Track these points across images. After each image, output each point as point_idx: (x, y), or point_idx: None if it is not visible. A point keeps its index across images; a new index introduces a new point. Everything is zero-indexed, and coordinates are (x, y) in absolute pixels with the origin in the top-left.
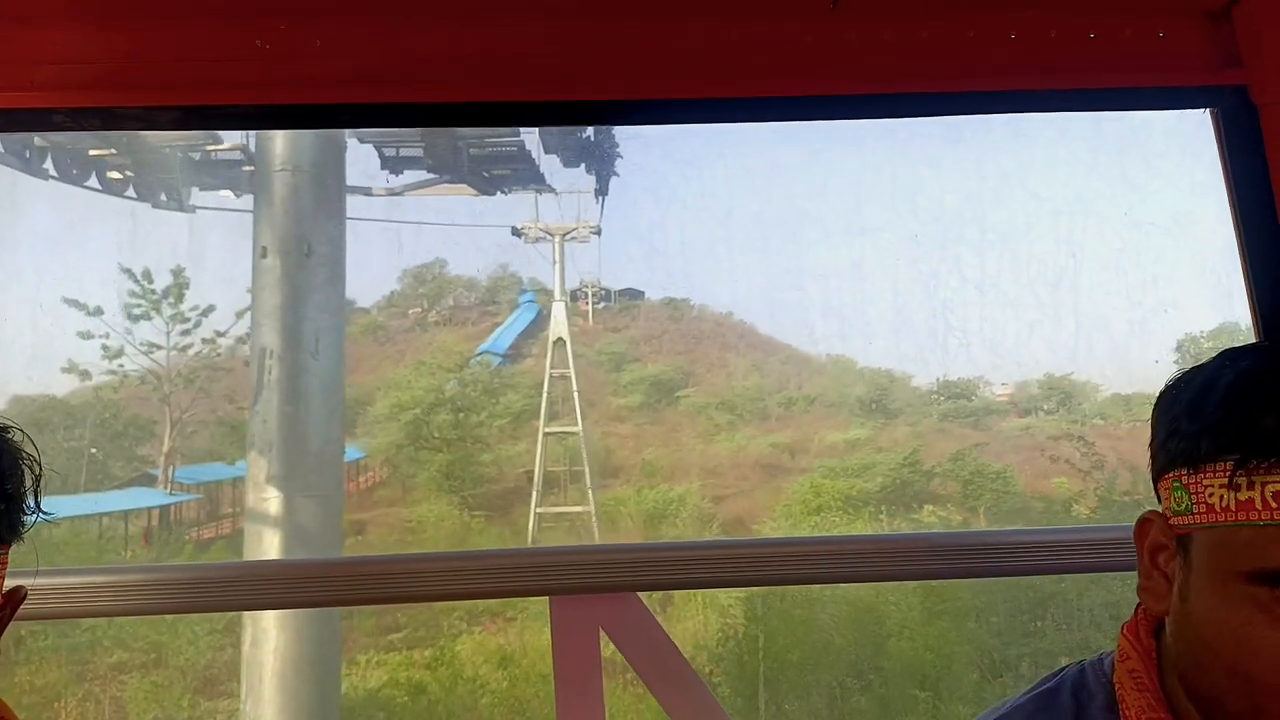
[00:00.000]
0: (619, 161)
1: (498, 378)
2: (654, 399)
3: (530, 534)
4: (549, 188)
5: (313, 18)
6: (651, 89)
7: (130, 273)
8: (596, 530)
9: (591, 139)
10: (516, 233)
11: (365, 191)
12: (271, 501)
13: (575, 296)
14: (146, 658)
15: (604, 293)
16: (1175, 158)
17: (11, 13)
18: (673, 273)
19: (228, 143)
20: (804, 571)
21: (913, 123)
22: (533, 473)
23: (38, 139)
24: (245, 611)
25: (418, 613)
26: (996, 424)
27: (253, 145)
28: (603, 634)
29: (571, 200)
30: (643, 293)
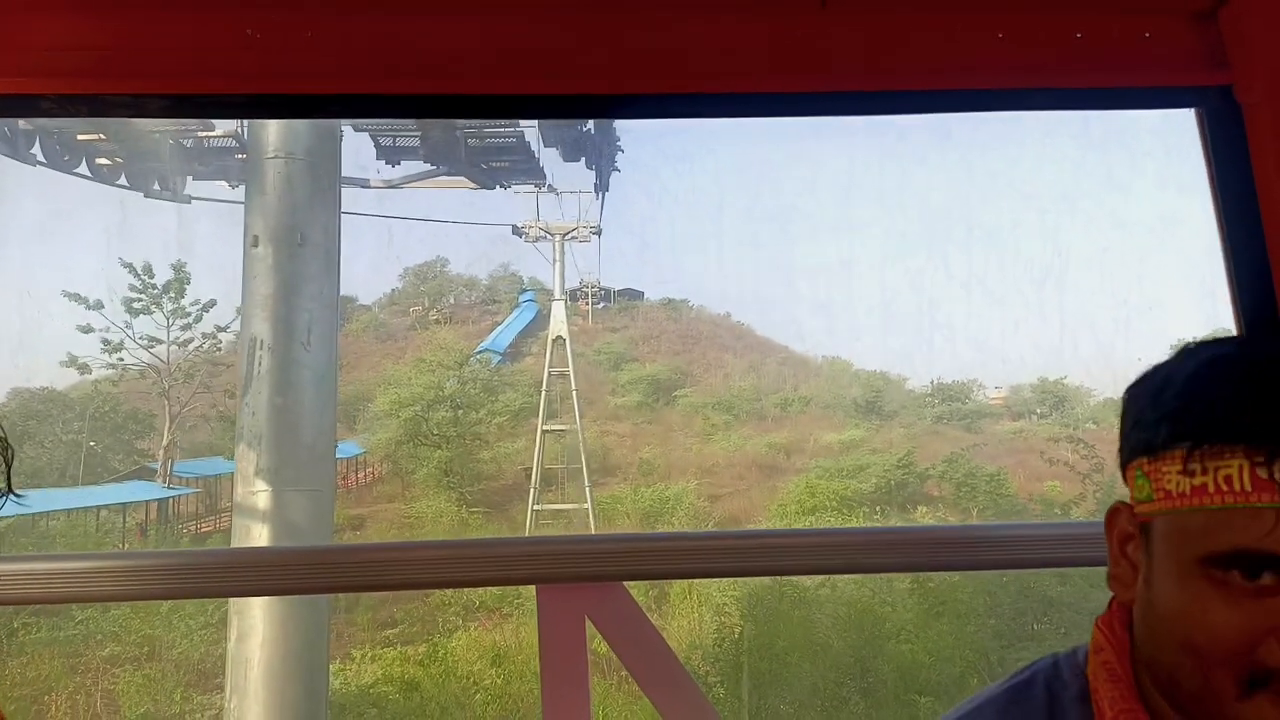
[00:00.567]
0: (616, 165)
1: (497, 376)
2: (652, 398)
3: (528, 531)
4: (550, 187)
5: (305, 7)
6: (643, 84)
7: (131, 267)
8: (593, 528)
9: (591, 133)
10: (517, 231)
11: (362, 183)
12: (260, 495)
13: (575, 296)
14: (139, 650)
15: (603, 293)
16: (1160, 157)
17: None
18: (663, 268)
19: (220, 129)
20: (792, 563)
21: (901, 120)
22: (531, 470)
23: (23, 122)
24: (234, 598)
25: (413, 608)
26: (990, 427)
27: (245, 132)
28: (589, 624)
29: (571, 200)
30: (642, 293)
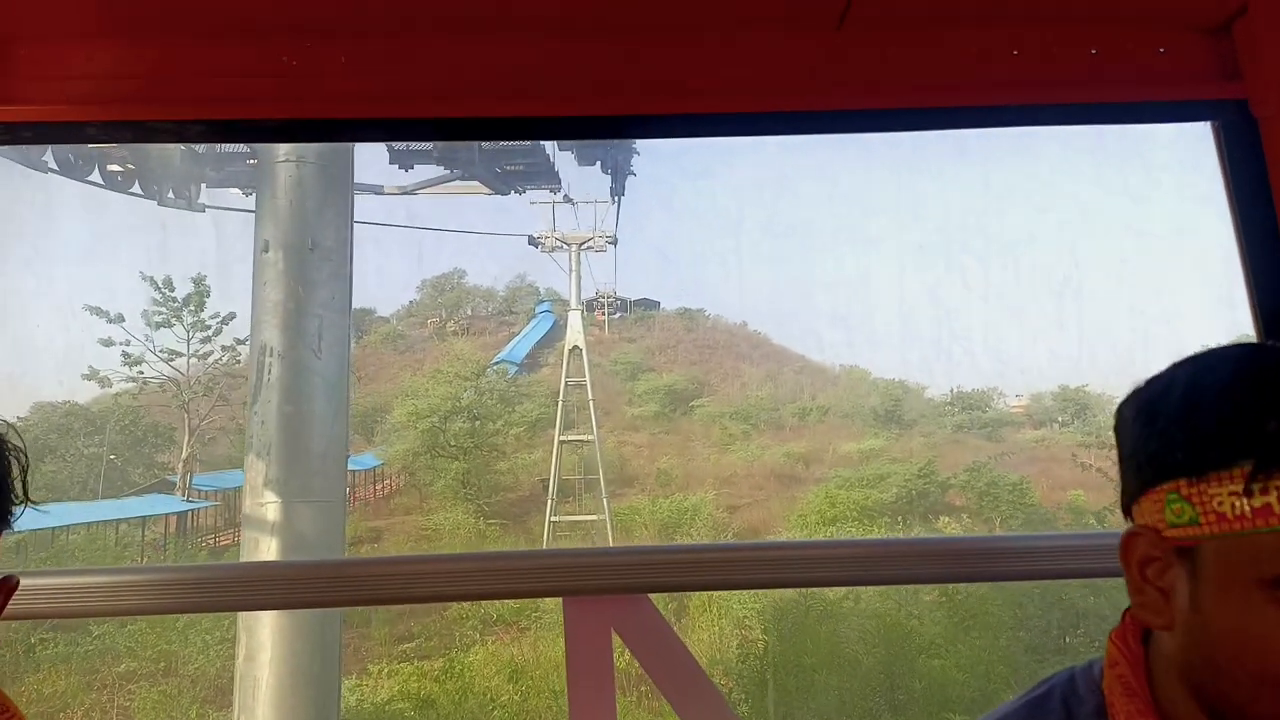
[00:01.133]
0: (632, 169)
1: (514, 386)
2: (669, 408)
3: (545, 542)
4: (566, 197)
5: (338, 35)
6: (662, 104)
7: (151, 280)
8: (611, 539)
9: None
10: (533, 242)
11: (376, 190)
12: (269, 507)
13: (591, 307)
14: (155, 666)
15: (620, 303)
16: (1176, 170)
17: (46, 30)
18: (684, 281)
19: None
20: (816, 574)
21: (918, 136)
22: (548, 481)
23: None
24: (257, 611)
25: (431, 622)
26: (1011, 435)
27: None
28: (615, 635)
29: (588, 210)
30: (658, 303)
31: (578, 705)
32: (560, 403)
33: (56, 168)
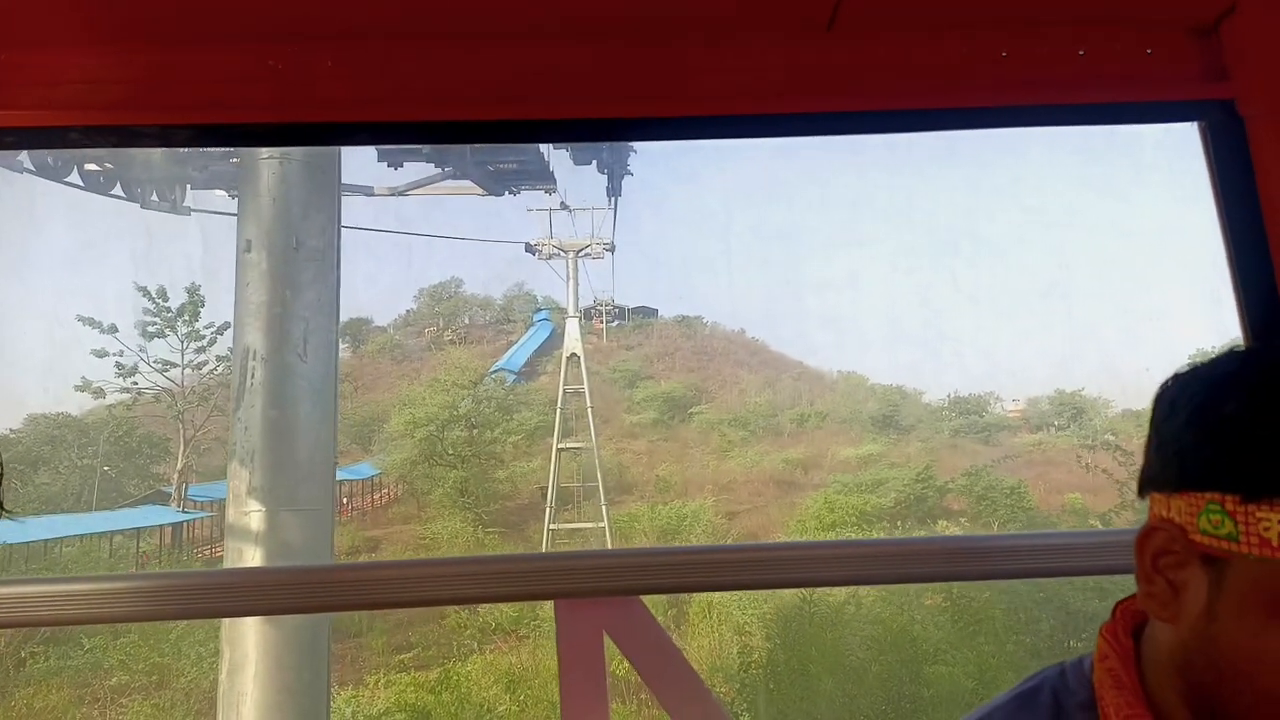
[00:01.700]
0: (629, 169)
1: (512, 395)
2: (667, 415)
3: (544, 550)
4: (563, 204)
5: (324, 39)
6: (653, 107)
7: (145, 290)
8: (610, 546)
9: None
10: (530, 249)
11: (366, 191)
12: (253, 516)
13: (589, 315)
14: (148, 679)
15: (618, 310)
16: (1163, 170)
17: (31, 36)
18: (675, 284)
19: None
20: (811, 574)
21: (907, 138)
22: (546, 489)
23: None
24: (247, 620)
25: (429, 630)
26: (1008, 440)
27: None
28: (607, 638)
29: (584, 216)
30: (656, 310)
31: (570, 708)
32: (558, 411)
33: (33, 169)
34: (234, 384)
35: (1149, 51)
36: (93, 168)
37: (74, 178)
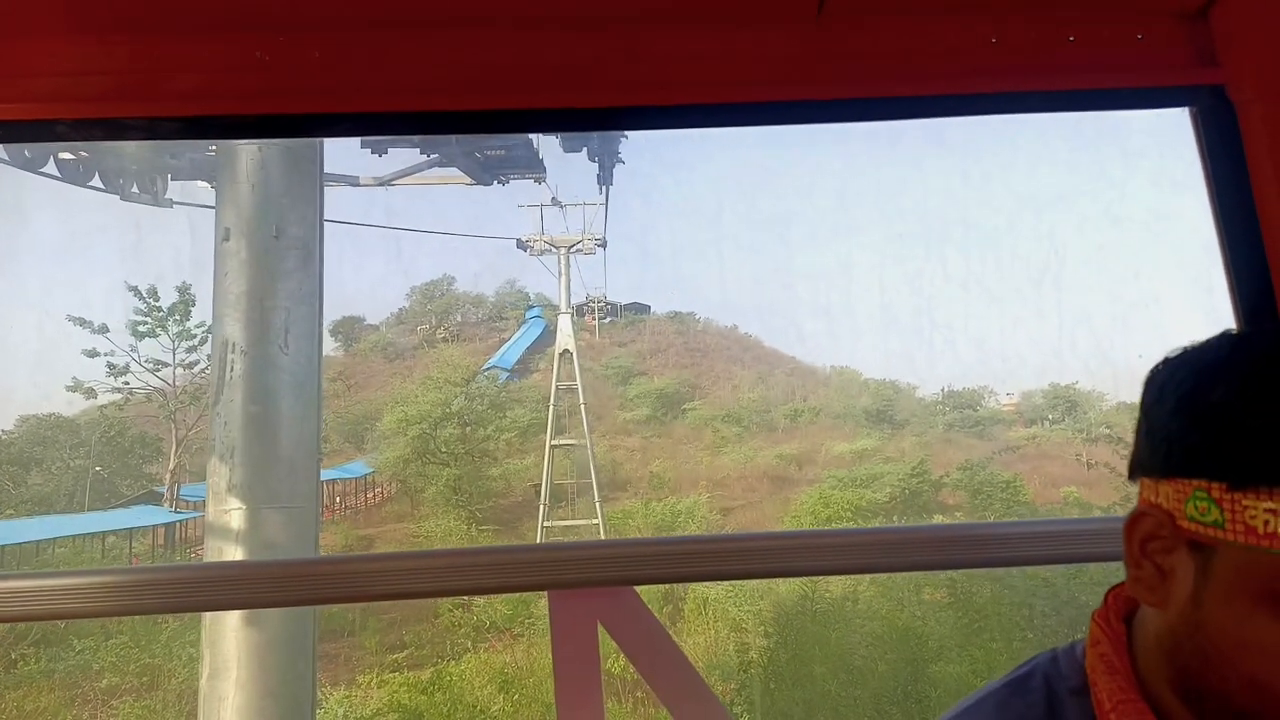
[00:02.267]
0: (620, 156)
1: (505, 392)
2: (661, 412)
3: None
4: (554, 200)
5: (312, 29)
6: (641, 96)
7: (136, 290)
8: None
9: None
10: (522, 245)
11: (352, 181)
12: (233, 514)
13: (582, 311)
14: (139, 681)
15: (610, 307)
16: (1153, 155)
17: (13, 26)
18: (665, 276)
19: None
20: (804, 564)
21: (897, 126)
22: (540, 486)
23: None
24: (228, 620)
25: (423, 629)
26: (1002, 434)
27: None
28: (601, 628)
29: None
30: (649, 307)
31: (565, 699)
32: (551, 407)
33: (6, 158)
34: (212, 378)
35: (1139, 37)
36: (67, 157)
37: (50, 168)
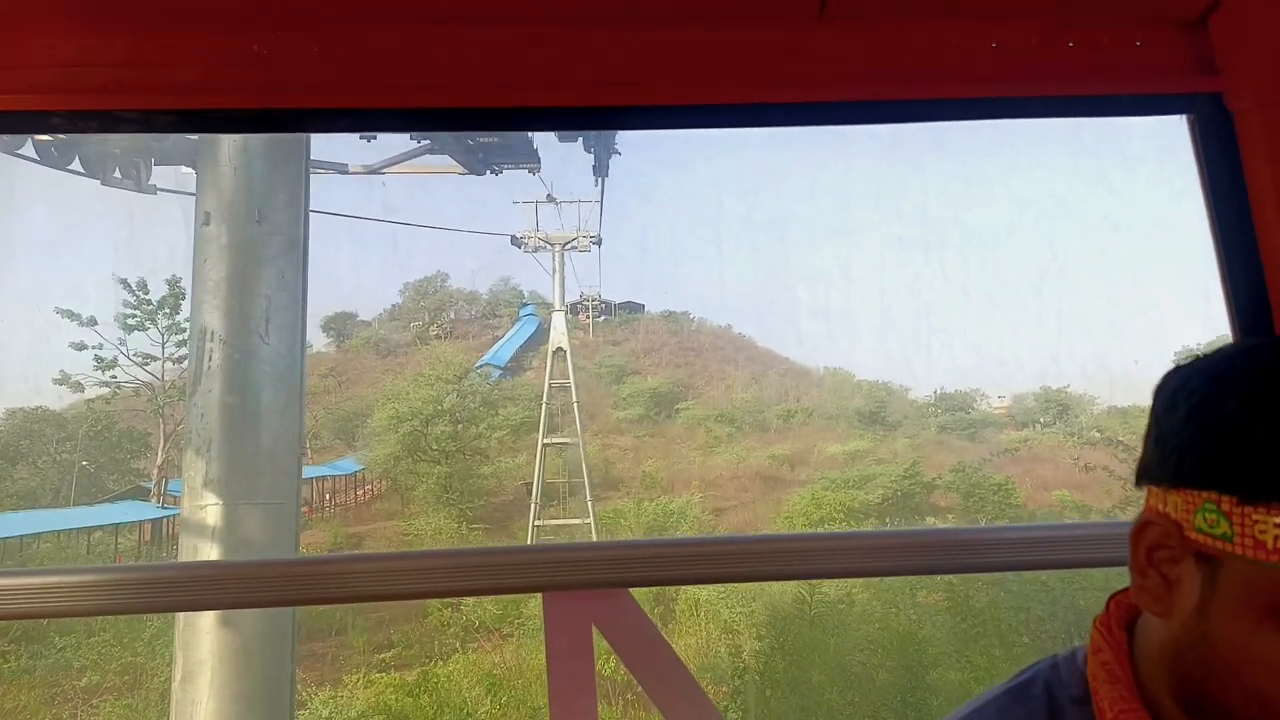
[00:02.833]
0: (616, 147)
1: (497, 390)
2: (654, 411)
3: None
4: (550, 196)
5: (310, 23)
6: (641, 95)
7: (125, 283)
8: None
9: None
10: (516, 242)
11: (340, 169)
12: (209, 510)
13: (576, 310)
14: (120, 680)
15: (604, 306)
16: (1153, 162)
17: (10, 18)
18: (663, 275)
19: None
20: (800, 567)
21: (897, 128)
22: (532, 485)
23: None
24: (205, 621)
25: (411, 629)
26: (994, 436)
27: None
28: (595, 631)
29: (570, 209)
30: (642, 305)
31: (559, 701)
32: (544, 406)
33: None
34: (190, 367)
35: (1138, 44)
36: (44, 138)
37: (28, 150)
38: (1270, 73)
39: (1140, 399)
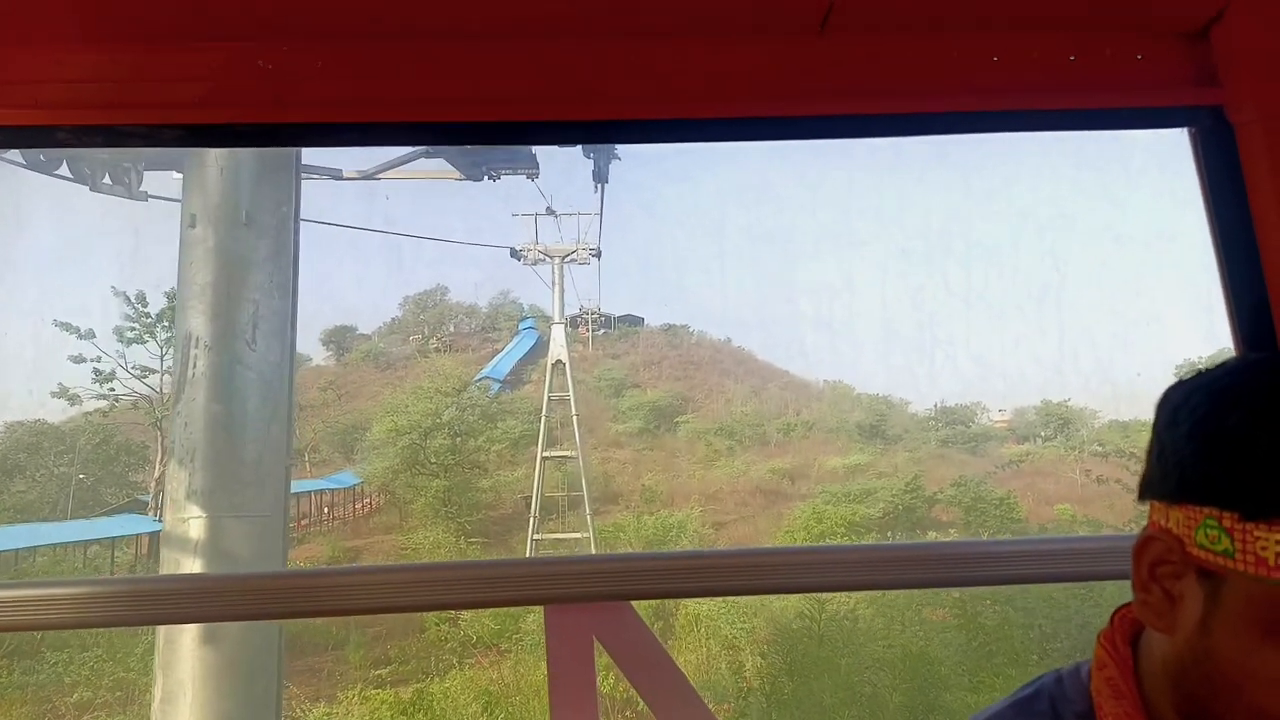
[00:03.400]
0: (616, 153)
1: (496, 403)
2: (653, 424)
3: None
4: (549, 209)
5: (315, 38)
6: (644, 109)
7: (125, 295)
8: None
9: None
10: (516, 254)
11: (334, 174)
12: (192, 523)
13: (575, 323)
14: (112, 696)
15: (604, 319)
16: (1155, 175)
17: (17, 34)
18: (666, 286)
19: None
20: (802, 580)
21: (899, 141)
22: (531, 498)
23: None
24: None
25: (408, 644)
26: (994, 450)
27: None
28: (597, 643)
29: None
30: (642, 319)
31: (561, 714)
32: (543, 419)
33: None
34: (174, 374)
35: (1139, 57)
36: None
37: (14, 154)
38: (1271, 85)
39: (1142, 412)
